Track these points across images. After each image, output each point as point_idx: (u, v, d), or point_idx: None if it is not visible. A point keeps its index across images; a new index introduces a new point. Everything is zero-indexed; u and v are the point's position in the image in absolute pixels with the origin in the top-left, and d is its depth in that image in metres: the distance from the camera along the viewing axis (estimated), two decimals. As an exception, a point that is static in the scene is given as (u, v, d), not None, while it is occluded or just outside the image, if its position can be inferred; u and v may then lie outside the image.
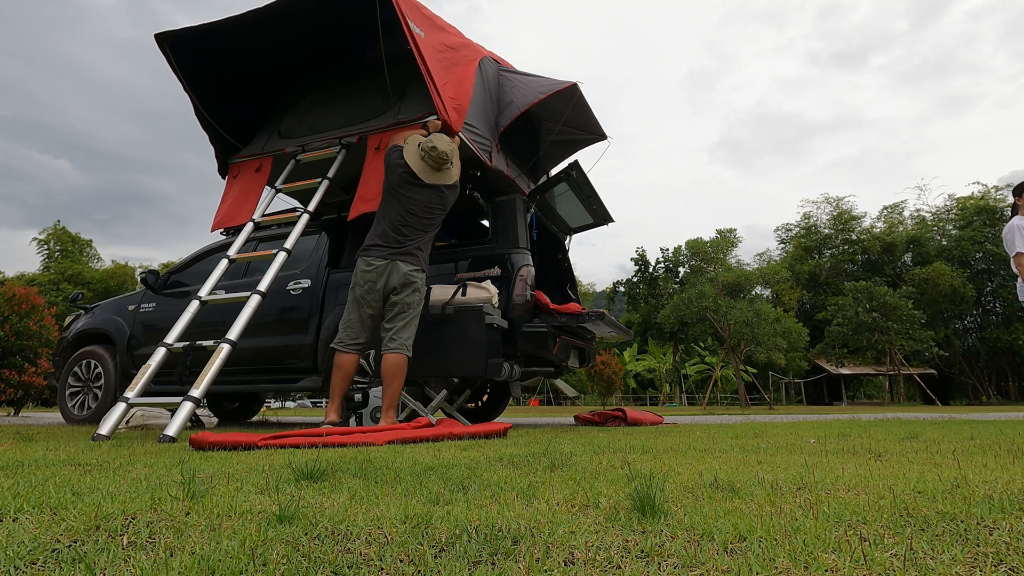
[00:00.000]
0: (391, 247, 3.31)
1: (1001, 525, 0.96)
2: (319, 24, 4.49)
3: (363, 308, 3.29)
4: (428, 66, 3.61)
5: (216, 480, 1.42)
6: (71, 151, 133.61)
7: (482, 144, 4.05)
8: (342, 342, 3.31)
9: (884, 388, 29.53)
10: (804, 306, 37.24)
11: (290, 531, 0.93)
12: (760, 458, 1.95)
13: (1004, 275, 31.65)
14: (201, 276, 4.90)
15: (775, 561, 0.79)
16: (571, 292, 5.16)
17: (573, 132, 5.04)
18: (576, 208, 5.11)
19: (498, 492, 1.29)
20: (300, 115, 4.87)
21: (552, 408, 26.01)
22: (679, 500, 1.19)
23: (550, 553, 0.84)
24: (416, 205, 3.34)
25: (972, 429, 3.43)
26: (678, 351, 38.72)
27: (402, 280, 3.29)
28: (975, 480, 1.35)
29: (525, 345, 3.84)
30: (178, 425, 2.84)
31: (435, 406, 3.69)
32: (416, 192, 3.33)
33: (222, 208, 4.49)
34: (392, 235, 3.32)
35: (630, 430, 3.83)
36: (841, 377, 32.78)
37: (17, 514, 1.05)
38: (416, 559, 0.81)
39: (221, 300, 3.69)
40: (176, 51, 4.40)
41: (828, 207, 38.16)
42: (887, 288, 26.47)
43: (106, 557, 0.81)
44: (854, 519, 1.00)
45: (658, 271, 41.80)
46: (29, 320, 9.67)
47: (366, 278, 3.28)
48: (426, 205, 3.36)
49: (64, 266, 34.42)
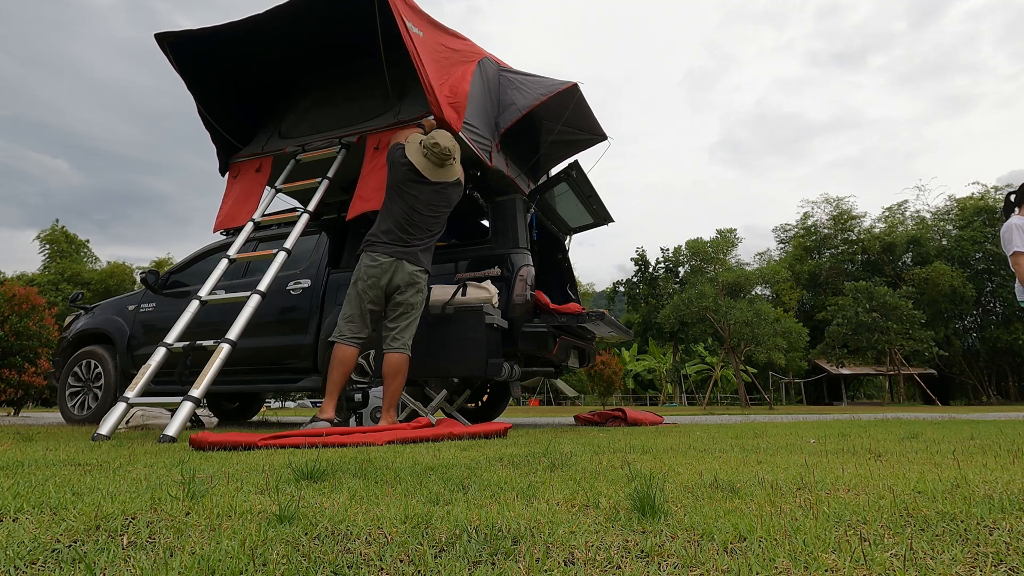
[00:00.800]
0: (396, 245, 3.29)
1: (1001, 525, 0.96)
2: (319, 25, 4.50)
3: (364, 303, 3.25)
4: (424, 64, 3.61)
5: (216, 480, 1.42)
6: (71, 151, 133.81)
7: (482, 144, 4.05)
8: (344, 335, 3.23)
9: (884, 388, 29.54)
10: (804, 306, 37.25)
11: (290, 531, 0.93)
12: (760, 458, 1.94)
13: (1004, 275, 31.66)
14: (201, 276, 4.90)
15: (775, 561, 0.79)
16: (571, 292, 5.16)
17: (573, 132, 5.03)
18: (576, 208, 5.11)
19: (498, 492, 1.29)
20: (300, 115, 4.87)
21: (552, 408, 26.01)
22: (679, 500, 1.19)
23: (550, 553, 0.84)
24: (420, 203, 3.33)
25: (972, 429, 3.43)
26: (678, 351, 38.72)
27: (407, 280, 3.27)
28: (975, 480, 1.35)
29: (525, 345, 3.84)
30: (178, 425, 2.84)
31: (435, 406, 3.69)
32: (420, 190, 3.32)
33: (223, 208, 4.49)
34: (398, 233, 3.31)
35: (630, 430, 3.83)
36: (841, 377, 32.79)
37: (17, 514, 1.05)
38: (416, 559, 0.81)
39: (221, 300, 3.69)
40: (176, 51, 4.40)
41: (828, 207, 38.22)
42: (887, 288, 26.48)
43: (106, 557, 0.81)
44: (854, 519, 1.00)
45: (658, 271, 41.83)
46: (29, 320, 9.68)
47: (370, 273, 3.24)
48: (430, 203, 3.35)
49: (63, 266, 34.47)
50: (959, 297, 30.25)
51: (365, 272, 3.26)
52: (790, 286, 35.06)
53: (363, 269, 3.28)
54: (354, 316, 3.26)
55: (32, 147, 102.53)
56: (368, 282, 3.25)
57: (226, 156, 4.81)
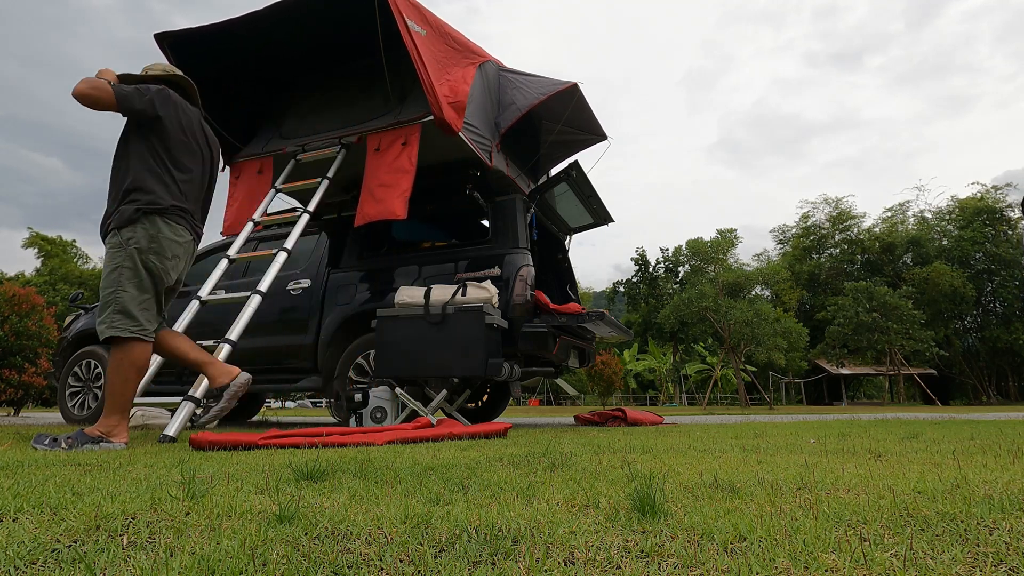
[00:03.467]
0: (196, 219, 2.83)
1: (1001, 525, 0.96)
2: (319, 24, 4.50)
3: (160, 286, 2.64)
4: (424, 63, 3.61)
5: (216, 480, 1.42)
6: (70, 151, 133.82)
7: (482, 144, 4.05)
8: (146, 330, 2.56)
9: (884, 388, 29.53)
10: (804, 306, 37.25)
11: (290, 531, 0.93)
12: (760, 458, 1.94)
13: (1004, 275, 31.67)
14: (201, 276, 4.90)
15: (775, 561, 0.79)
16: (571, 292, 5.16)
17: (573, 132, 5.04)
18: (576, 208, 5.11)
19: (498, 492, 1.29)
20: (300, 115, 4.87)
21: (552, 408, 26.01)
22: (679, 500, 1.19)
23: (550, 553, 0.84)
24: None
25: (972, 429, 3.43)
26: (678, 351, 38.72)
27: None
28: (975, 480, 1.35)
29: (525, 345, 3.84)
30: (178, 425, 2.83)
31: (435, 406, 3.69)
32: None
33: (230, 212, 4.49)
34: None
35: (630, 430, 3.83)
36: (841, 377, 32.78)
37: (17, 514, 1.05)
38: (416, 559, 0.81)
39: (221, 300, 3.69)
40: (176, 51, 4.40)
41: (827, 208, 38.22)
42: (887, 288, 26.48)
43: (106, 557, 0.81)
44: (854, 519, 1.00)
45: (658, 271, 41.83)
46: (29, 320, 9.68)
47: (175, 251, 2.65)
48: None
49: (53, 265, 34.67)
50: (959, 297, 30.25)
51: (168, 248, 2.63)
52: (790, 286, 35.06)
53: (165, 241, 2.61)
54: (150, 302, 2.61)
55: (31, 147, 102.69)
56: (172, 261, 2.67)
57: (228, 155, 4.81)
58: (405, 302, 3.66)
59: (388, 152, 4.01)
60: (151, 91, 2.65)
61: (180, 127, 2.71)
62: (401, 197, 3.81)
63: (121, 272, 2.54)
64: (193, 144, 2.77)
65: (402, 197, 3.81)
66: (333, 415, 4.70)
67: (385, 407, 3.62)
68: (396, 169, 3.91)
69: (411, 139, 3.95)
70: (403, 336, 3.57)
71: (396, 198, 3.82)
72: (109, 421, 2.46)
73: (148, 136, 2.65)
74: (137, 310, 2.53)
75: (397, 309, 3.65)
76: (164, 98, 2.68)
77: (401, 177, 3.87)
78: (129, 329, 2.49)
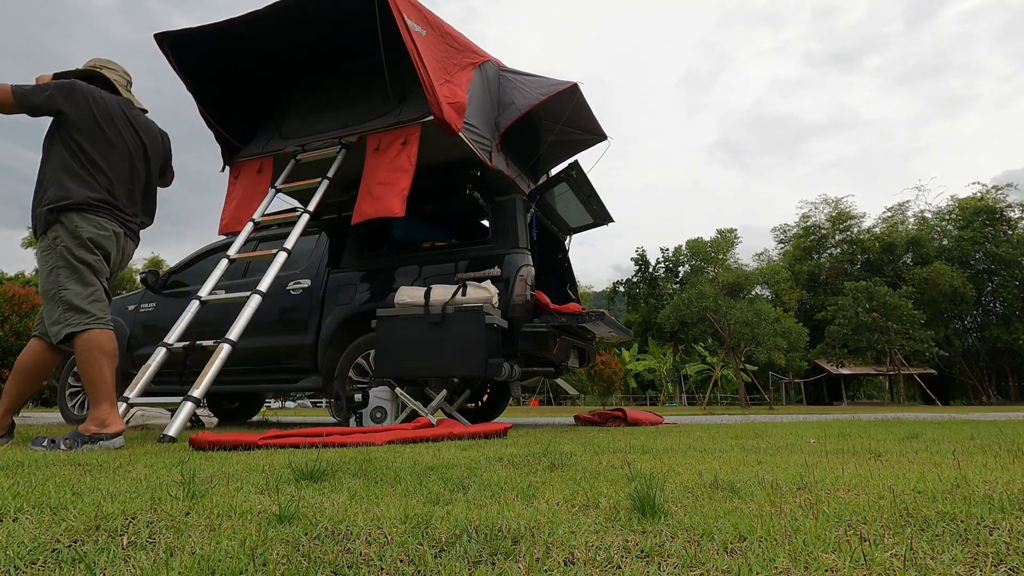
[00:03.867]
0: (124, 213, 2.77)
1: (1001, 525, 0.96)
2: (319, 24, 4.49)
3: (101, 277, 2.63)
4: (424, 63, 3.61)
5: (216, 480, 1.42)
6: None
7: (482, 144, 4.05)
8: (100, 319, 2.56)
9: (884, 388, 29.54)
10: (804, 306, 37.25)
11: (290, 531, 0.93)
12: (760, 458, 1.94)
13: (1004, 275, 31.67)
14: (201, 276, 4.90)
15: (775, 561, 0.79)
16: (571, 292, 5.16)
17: (573, 132, 5.04)
18: (576, 208, 5.12)
19: (498, 492, 1.29)
20: (301, 115, 4.87)
21: (552, 408, 26.01)
22: (679, 500, 1.19)
23: (550, 553, 0.84)
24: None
25: (972, 429, 3.43)
26: (678, 351, 38.72)
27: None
28: (975, 480, 1.35)
29: (525, 345, 3.84)
30: (178, 425, 2.83)
31: (435, 406, 3.69)
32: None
33: (227, 211, 4.48)
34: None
35: (630, 430, 3.83)
36: (841, 377, 32.78)
37: (17, 514, 1.05)
38: (416, 559, 0.81)
39: (221, 300, 3.69)
40: (176, 51, 4.40)
41: (827, 208, 38.22)
42: (887, 288, 26.48)
43: (106, 557, 0.81)
44: (854, 519, 1.00)
45: (658, 271, 41.84)
46: (29, 320, 9.69)
47: (101, 243, 2.62)
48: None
49: None
50: (959, 297, 30.25)
51: (103, 240, 2.63)
52: (790, 286, 35.06)
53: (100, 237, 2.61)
54: (99, 293, 2.62)
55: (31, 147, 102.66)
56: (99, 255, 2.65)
57: (229, 155, 4.81)
58: (405, 302, 3.66)
59: (387, 151, 4.01)
60: (51, 86, 2.59)
61: (94, 118, 2.64)
62: (399, 195, 3.81)
63: (58, 272, 2.52)
64: (112, 134, 2.69)
65: (400, 195, 3.80)
66: (333, 415, 4.70)
67: (385, 407, 3.62)
68: (395, 168, 3.91)
69: (411, 139, 3.95)
70: (403, 336, 3.56)
71: (394, 196, 3.81)
72: (99, 413, 2.44)
73: (62, 132, 2.61)
74: (86, 304, 2.52)
75: (397, 309, 3.65)
76: (68, 91, 2.61)
77: (400, 176, 3.87)
78: (83, 323, 2.48)
